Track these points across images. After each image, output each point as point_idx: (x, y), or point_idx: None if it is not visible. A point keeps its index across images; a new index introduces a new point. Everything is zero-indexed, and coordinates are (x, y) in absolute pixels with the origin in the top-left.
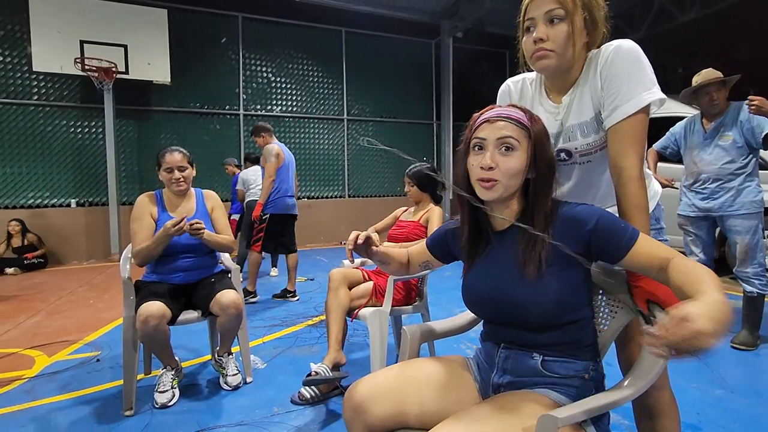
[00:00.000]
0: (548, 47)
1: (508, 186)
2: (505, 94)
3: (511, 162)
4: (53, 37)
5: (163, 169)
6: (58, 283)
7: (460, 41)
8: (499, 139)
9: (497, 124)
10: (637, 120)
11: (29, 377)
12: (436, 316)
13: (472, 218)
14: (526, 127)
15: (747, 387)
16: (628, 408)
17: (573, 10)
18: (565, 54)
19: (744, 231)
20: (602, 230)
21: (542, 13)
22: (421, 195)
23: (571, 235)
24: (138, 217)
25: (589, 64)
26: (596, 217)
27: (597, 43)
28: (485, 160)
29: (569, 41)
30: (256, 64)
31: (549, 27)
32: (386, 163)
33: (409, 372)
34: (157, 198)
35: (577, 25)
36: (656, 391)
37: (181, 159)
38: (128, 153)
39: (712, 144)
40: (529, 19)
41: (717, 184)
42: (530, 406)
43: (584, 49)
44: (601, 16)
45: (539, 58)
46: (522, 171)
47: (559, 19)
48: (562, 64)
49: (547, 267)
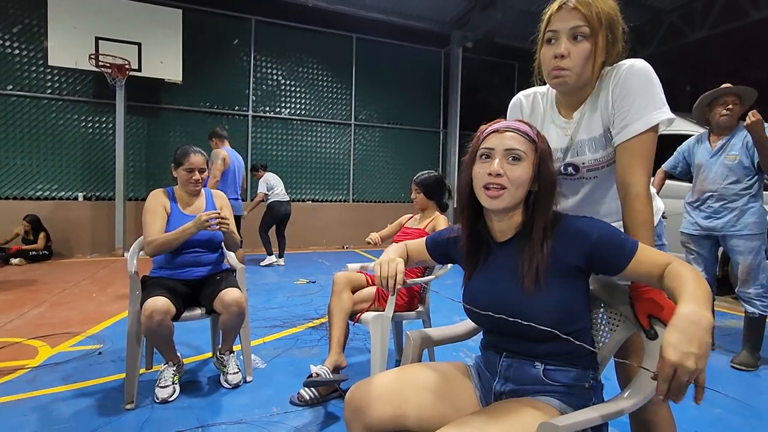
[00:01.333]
0: (567, 65)
1: (515, 195)
2: (516, 107)
3: (519, 171)
4: (69, 32)
5: (184, 168)
6: (63, 276)
7: (470, 51)
8: (507, 150)
9: (506, 135)
10: (646, 138)
11: (32, 367)
12: (437, 323)
13: (472, 228)
14: (533, 141)
15: (746, 408)
16: (625, 423)
17: (598, 29)
18: (584, 73)
19: (746, 252)
20: (603, 243)
21: (567, 27)
22: (427, 203)
23: (573, 247)
24: (152, 210)
25: (601, 81)
26: (597, 229)
27: (612, 60)
28: (493, 166)
29: (590, 61)
30: (266, 67)
31: (572, 43)
32: (392, 169)
33: (409, 376)
34: (169, 194)
35: (599, 45)
36: (654, 406)
37: (202, 161)
38: (137, 149)
39: (718, 162)
40: (551, 30)
41: (721, 204)
42: (531, 413)
43: (600, 67)
44: (620, 33)
45: (556, 76)
46: (528, 182)
47: (583, 37)
48: (578, 83)
49: (548, 279)
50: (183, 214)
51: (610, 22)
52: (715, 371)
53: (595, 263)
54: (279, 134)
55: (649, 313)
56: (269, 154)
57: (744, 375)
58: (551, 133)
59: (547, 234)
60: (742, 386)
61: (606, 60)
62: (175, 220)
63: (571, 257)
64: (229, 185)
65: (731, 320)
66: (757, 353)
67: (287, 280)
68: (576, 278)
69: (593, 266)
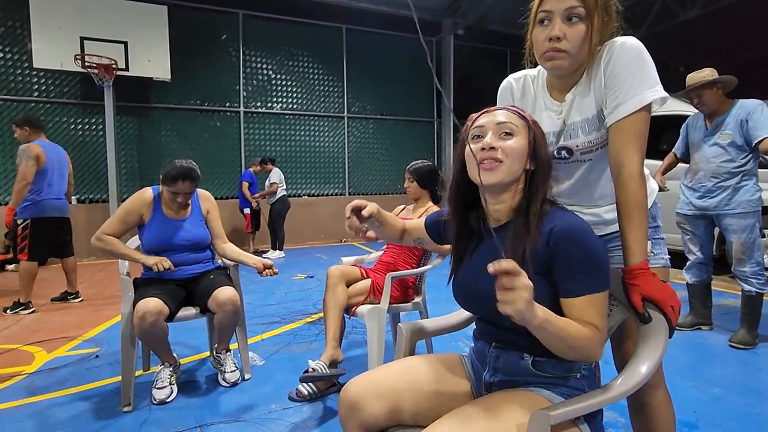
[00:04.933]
0: (563, 47)
1: (511, 168)
2: (506, 90)
3: (513, 144)
4: (54, 33)
5: (169, 190)
6: (58, 280)
7: (461, 39)
8: (498, 124)
9: (496, 112)
10: (638, 118)
11: (28, 373)
12: (434, 314)
13: (463, 218)
14: (525, 119)
15: (745, 386)
16: (624, 406)
17: (594, 9)
18: (579, 55)
19: (740, 230)
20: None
21: (562, 8)
22: (421, 192)
23: (552, 245)
24: (124, 212)
25: (593, 60)
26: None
27: (605, 39)
28: (485, 140)
29: (585, 42)
30: (256, 61)
31: (567, 25)
32: (387, 161)
33: (403, 370)
34: (155, 197)
35: (595, 26)
36: (651, 389)
37: (190, 187)
38: (128, 150)
39: (712, 141)
40: (545, 11)
41: (714, 183)
42: (522, 404)
43: (594, 48)
44: (614, 12)
45: (551, 58)
46: (523, 156)
47: (579, 18)
48: (573, 65)
49: (534, 273)
50: (167, 220)
51: (606, 1)
52: (713, 350)
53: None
54: (272, 129)
55: (643, 296)
56: (263, 150)
57: (742, 353)
58: (543, 117)
59: (540, 218)
60: (741, 365)
61: (600, 40)
62: (158, 227)
63: (539, 251)
64: (46, 187)
65: (729, 299)
66: (755, 331)
67: (285, 275)
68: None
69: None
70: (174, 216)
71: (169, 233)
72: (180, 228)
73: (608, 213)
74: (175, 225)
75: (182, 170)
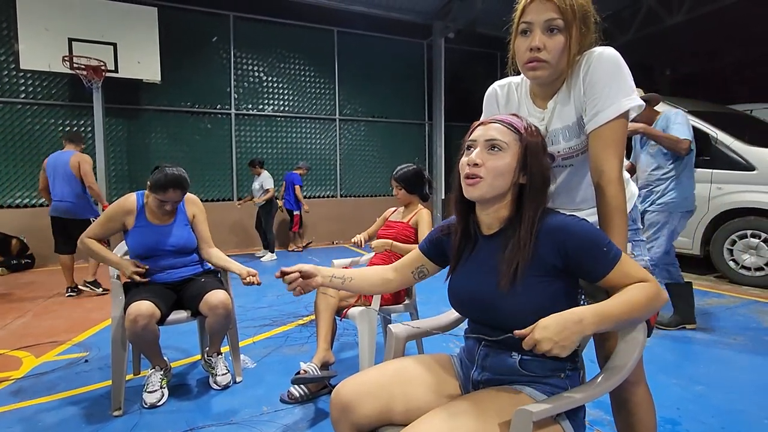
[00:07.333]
0: (543, 57)
1: (492, 185)
2: (491, 97)
3: (497, 161)
4: (41, 34)
5: (157, 197)
6: (47, 284)
7: (452, 42)
8: (487, 140)
9: (490, 126)
10: (617, 125)
11: (16, 378)
12: (425, 315)
13: (464, 221)
14: (518, 132)
15: (727, 383)
16: (608, 403)
17: (572, 21)
18: (559, 65)
19: (647, 225)
20: (584, 245)
21: (542, 20)
22: (410, 197)
23: (551, 244)
24: (107, 218)
25: (572, 70)
26: (579, 230)
27: (584, 49)
28: (471, 156)
29: (564, 53)
30: (247, 63)
31: (547, 36)
32: (378, 163)
33: (394, 371)
34: (138, 205)
35: (573, 37)
36: (631, 386)
37: (179, 195)
38: (118, 152)
39: (644, 151)
40: (525, 22)
41: (647, 190)
42: (507, 401)
43: (573, 58)
44: (592, 24)
45: (533, 69)
46: (509, 173)
47: (558, 30)
48: (553, 75)
49: (526, 278)
50: (151, 226)
51: (584, 13)
52: (697, 349)
53: (572, 265)
54: (263, 132)
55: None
56: (254, 152)
57: (726, 352)
58: None
59: (533, 231)
60: (724, 363)
61: (579, 50)
62: (142, 233)
63: (549, 254)
64: (51, 191)
65: (713, 299)
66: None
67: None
68: (555, 278)
69: (570, 268)
70: (158, 222)
71: (153, 239)
72: (165, 234)
73: (589, 216)
74: (160, 231)
75: (172, 178)
